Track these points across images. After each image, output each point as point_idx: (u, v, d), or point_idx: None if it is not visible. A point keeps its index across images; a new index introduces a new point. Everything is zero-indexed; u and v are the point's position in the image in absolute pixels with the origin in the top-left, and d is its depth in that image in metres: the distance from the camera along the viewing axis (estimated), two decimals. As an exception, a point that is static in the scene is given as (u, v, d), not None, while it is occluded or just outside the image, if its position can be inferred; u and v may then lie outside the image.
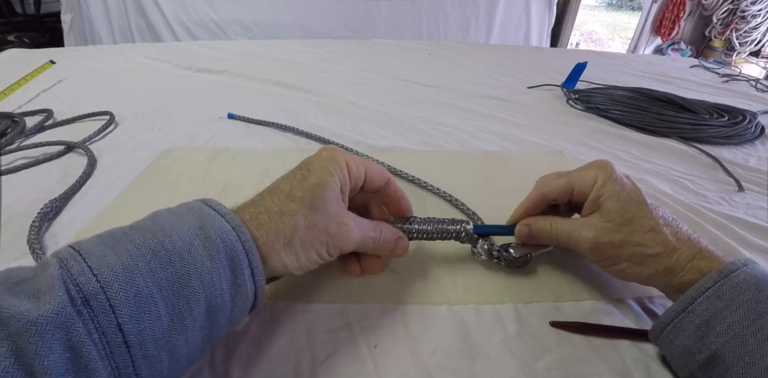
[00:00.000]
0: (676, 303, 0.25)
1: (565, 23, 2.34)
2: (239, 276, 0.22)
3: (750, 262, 0.25)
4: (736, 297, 0.23)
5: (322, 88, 0.72)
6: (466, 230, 0.31)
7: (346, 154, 0.28)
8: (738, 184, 0.48)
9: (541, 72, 0.89)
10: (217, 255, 0.21)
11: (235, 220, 0.23)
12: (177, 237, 0.21)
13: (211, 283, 0.20)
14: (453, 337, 0.28)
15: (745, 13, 2.49)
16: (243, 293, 0.22)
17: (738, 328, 0.22)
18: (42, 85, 0.70)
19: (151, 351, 0.18)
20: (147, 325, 0.18)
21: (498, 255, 0.32)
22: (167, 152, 0.50)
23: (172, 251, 0.20)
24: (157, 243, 0.20)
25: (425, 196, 0.43)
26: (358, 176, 0.28)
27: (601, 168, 0.29)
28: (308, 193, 0.25)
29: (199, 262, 0.20)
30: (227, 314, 0.22)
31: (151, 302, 0.19)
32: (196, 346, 0.21)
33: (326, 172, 0.26)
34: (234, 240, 0.22)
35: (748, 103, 0.76)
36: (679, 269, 0.26)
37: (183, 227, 0.21)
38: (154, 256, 0.20)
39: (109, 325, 0.17)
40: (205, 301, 0.20)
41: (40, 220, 0.36)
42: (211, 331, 0.21)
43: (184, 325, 0.20)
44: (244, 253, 0.22)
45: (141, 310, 0.18)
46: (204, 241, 0.21)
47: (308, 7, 1.82)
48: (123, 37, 1.83)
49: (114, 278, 0.18)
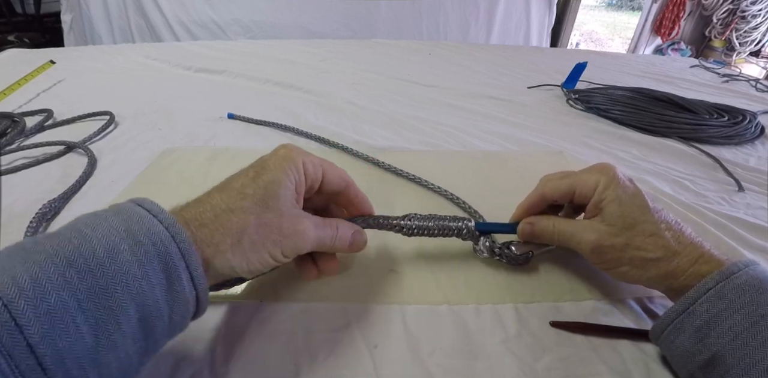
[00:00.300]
0: (677, 303, 0.25)
1: (565, 23, 2.34)
2: (176, 282, 0.20)
3: (752, 264, 0.25)
4: (737, 298, 0.23)
5: (322, 88, 0.72)
6: (468, 227, 0.31)
7: (304, 153, 0.27)
8: (738, 184, 0.48)
9: (541, 72, 0.89)
10: (147, 260, 0.19)
11: (169, 219, 0.20)
12: (98, 242, 0.18)
13: (141, 291, 0.19)
14: (453, 337, 0.28)
15: (745, 13, 2.49)
16: (182, 299, 0.20)
17: (739, 329, 0.22)
18: (42, 85, 0.70)
19: (74, 371, 0.17)
20: (65, 343, 0.16)
21: (500, 252, 0.32)
22: (167, 152, 0.50)
23: (91, 259, 0.18)
24: (73, 250, 0.18)
25: (426, 195, 0.43)
26: (314, 177, 0.26)
27: (603, 172, 0.29)
28: (260, 191, 0.23)
29: (125, 268, 0.18)
30: (165, 323, 0.20)
31: (68, 318, 0.17)
32: (131, 359, 0.19)
33: (280, 170, 0.25)
34: (167, 241, 0.20)
35: (748, 103, 0.76)
36: (680, 273, 0.26)
37: (106, 230, 0.19)
38: (69, 265, 0.17)
39: (17, 347, 0.15)
40: (135, 311, 0.18)
41: (37, 221, 0.36)
42: (147, 342, 0.20)
43: (113, 341, 0.18)
44: (180, 256, 0.20)
45: (56, 328, 0.16)
46: (131, 244, 0.19)
47: (308, 7, 1.82)
48: (123, 37, 1.83)
49: (20, 294, 0.16)
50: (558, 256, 0.34)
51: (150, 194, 0.42)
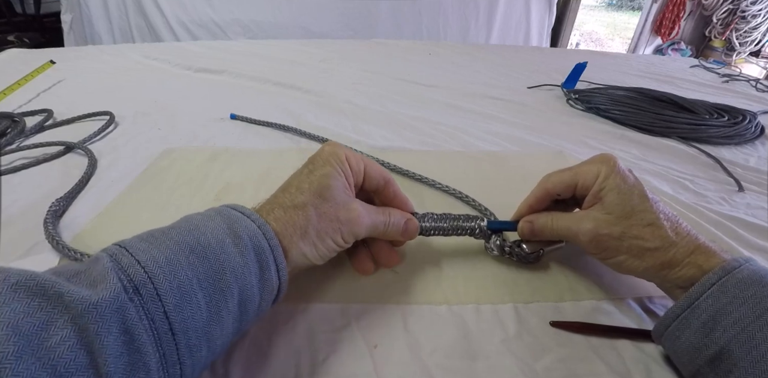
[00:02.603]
0: (681, 299, 0.25)
1: (565, 23, 2.34)
2: (266, 271, 0.23)
3: (751, 260, 0.25)
4: (740, 293, 0.23)
5: (322, 88, 0.72)
6: (481, 227, 0.32)
7: (345, 148, 0.29)
8: (738, 184, 0.48)
9: (541, 72, 0.89)
10: (246, 252, 0.22)
11: (259, 219, 0.24)
12: (210, 235, 0.22)
13: (243, 277, 0.22)
14: (453, 337, 0.28)
15: (745, 13, 2.49)
16: (269, 287, 0.23)
17: (744, 322, 0.22)
18: (42, 85, 0.70)
19: (193, 340, 0.20)
20: (189, 314, 0.19)
21: (510, 251, 0.32)
22: (167, 152, 0.50)
23: (207, 247, 0.21)
24: (194, 240, 0.22)
25: (433, 194, 0.43)
26: (357, 170, 0.29)
27: (604, 162, 0.29)
28: (315, 185, 0.26)
29: (231, 257, 0.22)
30: (255, 307, 0.23)
31: (192, 293, 0.20)
32: (228, 337, 0.22)
33: (329, 165, 0.27)
34: (260, 238, 0.23)
35: (748, 103, 0.76)
36: (676, 264, 0.26)
37: (214, 226, 0.23)
38: (191, 251, 0.21)
39: (157, 313, 0.19)
40: (238, 294, 0.22)
41: (52, 217, 0.36)
42: (241, 322, 0.23)
43: (221, 316, 0.21)
44: (270, 250, 0.23)
45: (183, 300, 0.19)
46: (234, 239, 0.22)
47: (308, 7, 1.82)
48: (123, 37, 1.83)
49: (159, 270, 0.19)
50: (558, 256, 0.34)
51: (150, 194, 0.42)
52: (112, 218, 0.38)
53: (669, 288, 0.27)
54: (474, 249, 0.35)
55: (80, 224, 0.37)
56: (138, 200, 0.41)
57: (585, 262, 0.34)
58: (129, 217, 0.38)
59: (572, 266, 0.34)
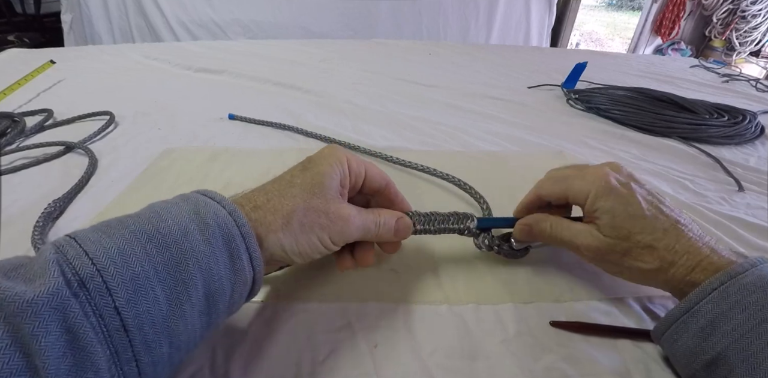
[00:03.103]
0: (681, 303, 0.25)
1: (565, 23, 2.34)
2: (237, 261, 0.22)
3: (761, 262, 0.24)
4: (742, 298, 0.23)
5: (322, 88, 0.72)
6: (469, 228, 0.32)
7: (347, 151, 0.28)
8: (738, 184, 0.48)
9: (541, 72, 0.89)
10: (213, 240, 0.21)
11: (230, 205, 0.22)
12: (172, 222, 0.20)
13: (209, 267, 0.20)
14: (453, 337, 0.28)
15: (745, 13, 2.49)
16: (241, 279, 0.22)
17: (743, 329, 0.22)
18: (42, 85, 0.70)
19: (150, 335, 0.18)
20: (144, 308, 0.18)
21: (498, 250, 0.32)
22: (167, 152, 0.50)
23: (168, 235, 0.20)
24: (152, 228, 0.20)
25: (432, 185, 0.43)
26: (358, 173, 0.28)
27: (596, 181, 0.28)
28: (308, 180, 0.25)
29: (196, 246, 0.20)
30: (226, 300, 0.22)
31: (148, 286, 0.18)
32: (195, 332, 0.21)
33: (327, 164, 0.26)
34: (230, 225, 0.22)
35: (748, 103, 0.76)
36: (676, 282, 0.26)
37: (178, 212, 0.21)
38: (149, 240, 0.19)
39: (106, 308, 0.17)
40: (203, 285, 0.20)
41: (43, 220, 0.36)
42: (210, 317, 0.21)
43: (183, 310, 0.19)
44: (241, 238, 0.22)
45: (138, 294, 0.18)
46: (200, 225, 0.21)
47: (308, 7, 1.82)
48: (123, 37, 1.83)
49: (110, 261, 0.18)
50: (557, 257, 0.34)
51: (150, 194, 0.42)
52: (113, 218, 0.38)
53: (675, 295, 0.27)
54: (473, 248, 0.35)
55: (79, 224, 0.37)
56: (138, 200, 0.41)
57: (585, 262, 0.34)
58: (129, 217, 0.38)
59: (572, 266, 0.34)
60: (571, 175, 0.31)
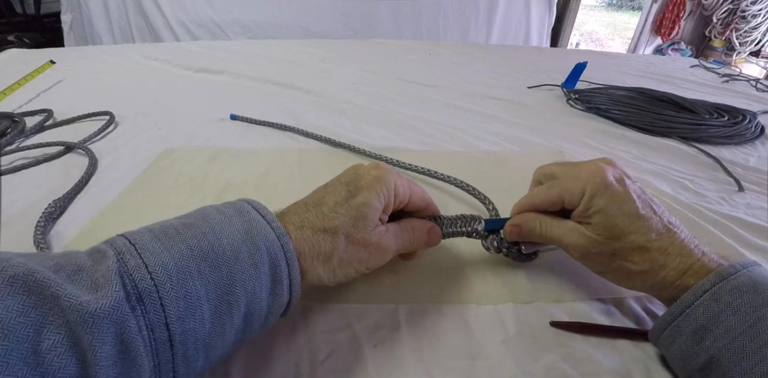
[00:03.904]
0: (673, 306, 0.24)
1: (565, 23, 2.34)
2: (278, 286, 0.22)
3: (751, 265, 0.24)
4: (733, 301, 0.22)
5: (322, 88, 0.72)
6: (477, 231, 0.32)
7: (395, 175, 0.28)
8: (738, 184, 0.48)
9: (541, 72, 0.89)
10: (261, 263, 0.21)
11: (279, 228, 0.23)
12: (226, 241, 0.21)
13: (253, 290, 0.21)
14: (453, 337, 0.28)
15: (745, 13, 2.49)
16: (279, 302, 0.23)
17: (735, 332, 0.22)
18: (42, 85, 0.70)
19: (191, 351, 0.19)
20: (191, 326, 0.19)
21: (507, 253, 0.32)
22: (167, 152, 0.50)
23: (221, 255, 0.21)
24: (208, 245, 0.21)
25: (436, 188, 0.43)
26: (403, 199, 0.28)
27: (590, 178, 0.27)
28: (352, 212, 0.25)
29: (245, 268, 0.21)
30: (261, 320, 0.22)
31: (197, 304, 0.19)
32: (227, 348, 0.21)
33: (373, 193, 0.26)
34: (278, 250, 0.22)
35: (748, 103, 0.76)
36: (666, 286, 0.26)
37: (232, 231, 0.22)
38: (204, 258, 0.20)
39: (158, 323, 0.18)
40: (245, 306, 0.21)
41: (45, 220, 0.36)
42: (244, 335, 0.22)
43: (224, 329, 0.20)
44: (286, 264, 0.22)
45: (188, 311, 0.19)
46: (251, 247, 0.21)
47: (308, 7, 1.82)
48: (123, 37, 1.83)
49: (167, 278, 0.19)
50: (557, 257, 0.34)
51: (150, 194, 0.42)
52: (112, 218, 0.38)
53: (664, 301, 0.27)
54: (474, 249, 0.35)
55: (80, 224, 0.37)
56: (138, 200, 0.41)
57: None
58: (129, 217, 0.38)
59: (572, 266, 0.33)
60: (563, 175, 0.30)
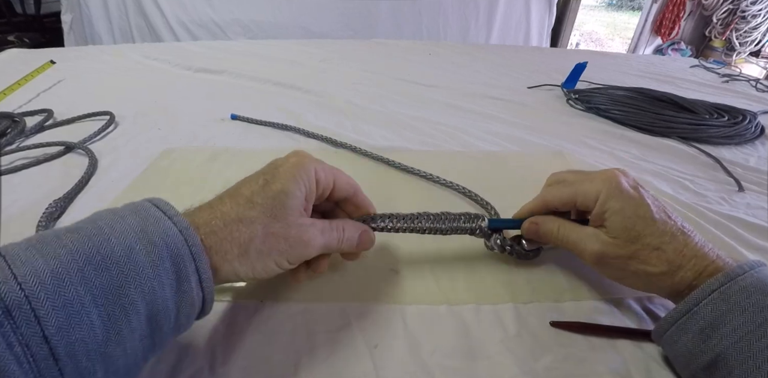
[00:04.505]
0: (681, 304, 0.25)
1: (565, 23, 2.34)
2: (185, 283, 0.20)
3: (758, 265, 0.24)
4: (742, 300, 0.23)
5: (322, 88, 0.72)
6: (481, 228, 0.32)
7: (316, 161, 0.26)
8: (738, 184, 0.48)
9: (541, 72, 0.89)
10: (159, 261, 0.20)
11: (182, 222, 0.21)
12: (115, 241, 0.19)
13: (152, 290, 0.19)
14: (453, 337, 0.28)
15: (745, 13, 2.49)
16: (188, 300, 0.21)
17: (743, 331, 0.22)
18: (42, 85, 0.70)
19: (83, 363, 0.17)
20: (78, 336, 0.17)
21: (510, 251, 0.32)
22: (167, 152, 0.50)
23: (109, 257, 0.19)
24: (92, 247, 0.19)
25: (436, 191, 0.43)
26: (326, 185, 0.27)
27: (605, 182, 0.28)
28: (269, 201, 0.24)
29: (140, 268, 0.19)
30: (171, 322, 0.21)
31: (82, 312, 0.17)
32: (136, 355, 0.20)
33: (291, 180, 0.24)
34: (180, 244, 0.20)
35: (748, 103, 0.76)
36: (683, 287, 0.26)
37: (123, 229, 0.20)
38: (87, 262, 0.18)
39: (34, 337, 0.16)
40: (145, 309, 0.19)
41: (46, 220, 0.36)
42: (154, 339, 0.20)
43: (121, 336, 0.18)
44: (191, 259, 0.21)
45: (71, 321, 0.17)
46: (146, 245, 0.20)
47: (308, 7, 1.82)
48: (123, 37, 1.83)
49: (40, 286, 0.17)
50: (558, 257, 0.34)
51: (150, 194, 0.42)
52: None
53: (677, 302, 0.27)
54: (474, 249, 0.35)
55: (80, 224, 0.37)
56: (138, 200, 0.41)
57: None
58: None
59: (572, 266, 0.34)
60: (577, 179, 0.30)
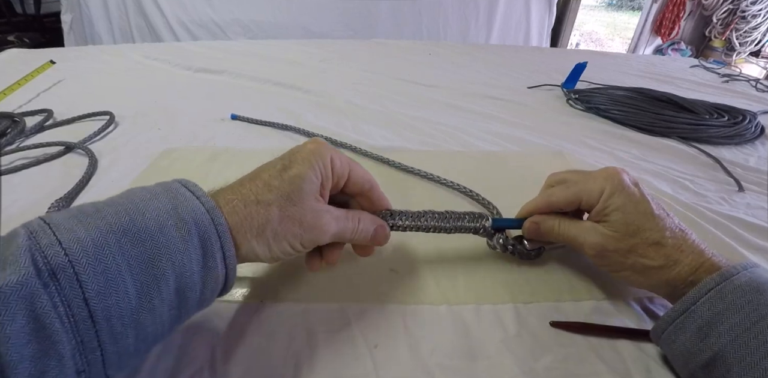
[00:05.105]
0: (678, 304, 0.25)
1: (565, 23, 2.34)
2: (210, 259, 0.22)
3: (751, 266, 0.25)
4: (737, 299, 0.23)
5: (322, 88, 0.72)
6: (485, 227, 0.32)
7: (332, 149, 0.27)
8: (738, 184, 0.48)
9: (541, 72, 0.89)
10: (189, 236, 0.21)
11: (209, 202, 0.22)
12: (149, 216, 0.20)
13: (182, 263, 0.21)
14: (453, 337, 0.28)
15: (745, 13, 2.49)
16: (213, 276, 0.22)
17: (739, 329, 0.22)
18: (42, 85, 0.70)
19: (117, 327, 0.19)
20: (114, 301, 0.18)
21: (512, 250, 0.33)
22: (167, 152, 0.50)
23: (144, 230, 0.20)
24: (129, 221, 0.20)
25: (437, 191, 0.43)
26: (341, 174, 0.27)
27: (608, 179, 0.29)
28: (286, 185, 0.24)
29: (171, 242, 0.20)
30: (197, 296, 0.22)
31: (119, 279, 0.19)
32: (164, 325, 0.21)
33: (307, 165, 0.25)
34: (207, 223, 0.22)
35: (748, 103, 0.76)
36: (680, 282, 0.26)
37: (157, 206, 0.21)
38: (124, 233, 0.19)
39: (76, 299, 0.17)
40: (174, 281, 0.20)
41: None
42: (180, 311, 0.21)
43: (152, 304, 0.20)
44: (217, 237, 0.22)
45: (108, 286, 0.18)
46: (177, 221, 0.21)
47: (308, 7, 1.82)
48: (123, 37, 1.83)
49: (83, 253, 0.18)
50: (558, 257, 0.34)
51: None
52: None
53: (673, 301, 0.27)
54: (474, 249, 0.35)
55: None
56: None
57: (585, 262, 0.34)
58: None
59: (572, 266, 0.34)
60: (580, 179, 0.31)
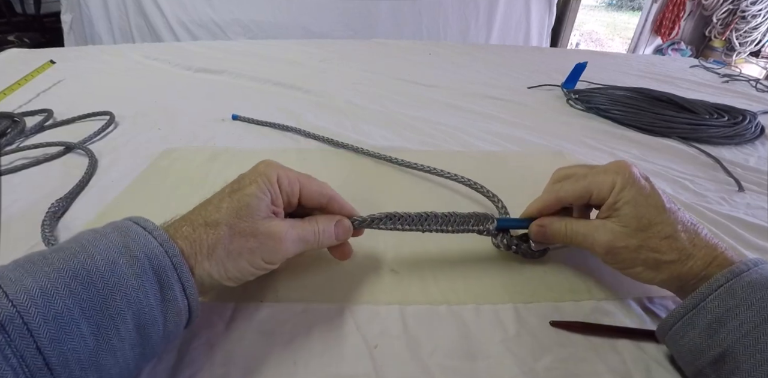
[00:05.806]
0: (687, 299, 0.25)
1: (565, 23, 2.34)
2: (168, 291, 0.22)
3: (760, 263, 0.25)
4: (748, 295, 0.23)
5: (322, 88, 0.72)
6: (488, 230, 0.32)
7: (280, 167, 0.27)
8: (738, 184, 0.48)
9: (541, 72, 0.89)
10: (142, 272, 0.21)
11: (162, 235, 0.23)
12: (99, 257, 0.20)
13: (138, 300, 0.20)
14: (453, 337, 0.28)
15: (745, 13, 2.49)
16: (174, 308, 0.22)
17: (750, 326, 0.22)
18: (42, 85, 0.70)
19: (76, 372, 0.18)
20: (69, 346, 0.18)
21: (516, 249, 0.33)
22: (167, 152, 0.50)
23: (94, 271, 0.20)
24: (78, 263, 0.20)
25: (439, 188, 0.43)
26: (290, 191, 0.27)
27: (619, 172, 0.28)
28: (234, 203, 0.25)
29: (124, 280, 0.20)
30: (159, 330, 0.22)
31: (72, 323, 0.18)
32: (128, 364, 0.21)
33: (254, 185, 0.26)
34: (161, 255, 0.22)
35: (748, 103, 0.76)
36: (692, 276, 0.26)
37: (106, 246, 0.21)
38: (74, 277, 0.19)
39: (28, 349, 0.17)
40: (132, 318, 0.20)
41: (50, 219, 0.36)
42: (144, 348, 0.21)
43: (111, 345, 0.20)
44: (173, 269, 0.22)
45: (62, 332, 0.18)
46: (129, 258, 0.21)
47: (308, 7, 1.82)
48: (123, 37, 1.83)
49: (30, 301, 0.18)
50: (558, 256, 0.34)
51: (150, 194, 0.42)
52: (112, 218, 0.38)
53: (684, 296, 0.27)
54: (474, 249, 0.35)
55: (80, 224, 0.37)
56: (138, 200, 0.41)
57: (585, 262, 0.34)
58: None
59: (572, 266, 0.34)
60: (588, 172, 0.30)
